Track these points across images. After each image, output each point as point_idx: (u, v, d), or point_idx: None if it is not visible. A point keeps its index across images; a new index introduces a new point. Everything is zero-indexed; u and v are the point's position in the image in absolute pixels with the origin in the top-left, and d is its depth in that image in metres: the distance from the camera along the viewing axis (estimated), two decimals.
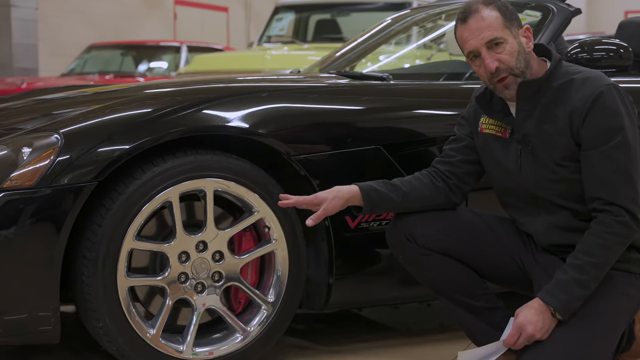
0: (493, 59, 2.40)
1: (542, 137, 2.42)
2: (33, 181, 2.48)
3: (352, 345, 3.16)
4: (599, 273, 2.35)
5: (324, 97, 2.98)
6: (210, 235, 2.69)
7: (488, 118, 2.56)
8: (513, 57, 2.40)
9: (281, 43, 9.42)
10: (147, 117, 2.63)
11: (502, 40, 2.40)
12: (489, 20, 2.41)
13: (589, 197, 2.37)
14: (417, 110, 3.09)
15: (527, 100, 2.44)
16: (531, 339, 2.34)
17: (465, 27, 2.44)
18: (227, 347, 2.72)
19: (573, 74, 2.42)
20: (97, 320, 2.56)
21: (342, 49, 4.42)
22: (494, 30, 2.40)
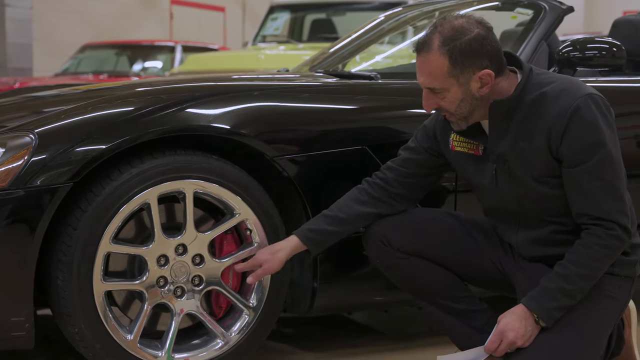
0: (431, 101, 2.34)
1: (517, 154, 2.32)
2: (6, 182, 2.41)
3: (340, 350, 3.10)
4: (587, 284, 2.28)
5: (309, 96, 2.91)
6: (190, 238, 2.62)
7: (458, 135, 2.46)
8: (453, 105, 2.31)
9: (276, 43, 9.36)
10: (127, 116, 2.56)
11: (440, 90, 2.30)
12: (432, 66, 2.28)
13: (576, 213, 2.29)
14: (404, 110, 3.01)
15: (499, 121, 2.34)
16: (512, 346, 2.27)
17: (417, 57, 2.33)
18: (207, 353, 2.65)
19: (545, 85, 2.30)
20: (72, 326, 2.49)
21: (331, 48, 4.35)
22: (433, 80, 2.29)
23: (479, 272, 2.52)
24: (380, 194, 2.54)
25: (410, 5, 4.51)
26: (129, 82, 3.62)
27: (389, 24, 4.34)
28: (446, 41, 2.26)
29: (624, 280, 2.34)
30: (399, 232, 2.47)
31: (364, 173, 2.76)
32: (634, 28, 3.68)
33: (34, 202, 2.41)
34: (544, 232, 2.37)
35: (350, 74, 3.44)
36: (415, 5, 4.46)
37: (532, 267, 2.41)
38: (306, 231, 2.50)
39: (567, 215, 2.32)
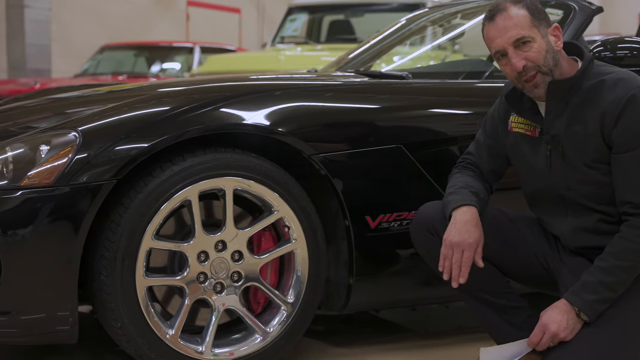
0: (520, 57, 2.37)
1: (571, 138, 2.38)
2: (51, 179, 2.45)
3: (371, 346, 3.13)
4: (627, 277, 2.31)
5: (345, 95, 2.95)
6: (229, 234, 2.66)
7: (517, 116, 2.52)
8: (541, 56, 2.36)
9: (294, 44, 9.40)
10: (165, 115, 2.60)
11: (529, 39, 2.36)
12: (516, 19, 2.37)
13: (620, 200, 2.33)
14: (437, 109, 3.05)
15: (557, 100, 2.40)
16: (555, 339, 2.30)
17: (492, 25, 2.40)
18: (247, 347, 2.69)
19: (605, 74, 2.37)
20: (115, 320, 2.53)
21: (357, 49, 4.39)
22: (520, 29, 2.36)
23: (522, 267, 2.56)
24: (479, 173, 2.62)
25: (434, 7, 4.54)
26: (149, 83, 3.65)
27: (412, 26, 4.38)
28: (517, 0, 2.40)
29: None
30: (445, 222, 2.50)
31: (399, 171, 2.81)
32: None
33: (79, 199, 2.45)
34: (591, 220, 2.42)
35: (381, 73, 3.47)
36: (437, 7, 4.50)
37: (575, 263, 2.45)
38: (475, 202, 2.49)
39: (613, 205, 2.36)
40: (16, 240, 2.43)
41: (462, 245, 2.40)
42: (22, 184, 2.47)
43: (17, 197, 2.44)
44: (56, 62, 12.37)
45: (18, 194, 2.44)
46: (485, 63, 3.72)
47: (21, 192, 2.44)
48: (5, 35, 11.90)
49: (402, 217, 2.83)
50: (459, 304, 3.70)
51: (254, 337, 2.71)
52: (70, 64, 12.74)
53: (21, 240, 2.43)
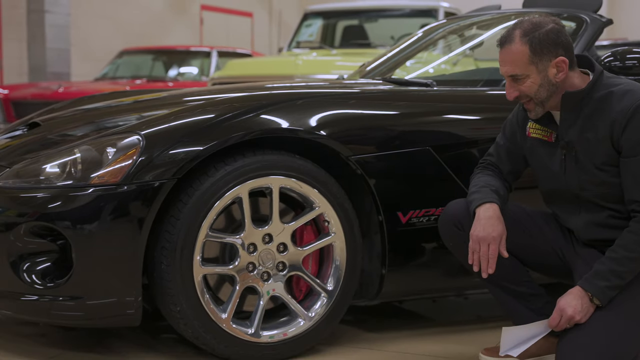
0: (513, 89, 2.66)
1: (584, 144, 2.66)
2: (118, 178, 2.74)
3: (399, 332, 3.38)
4: (635, 266, 2.59)
5: (377, 102, 3.23)
6: (275, 228, 2.94)
7: (534, 123, 2.80)
8: (533, 90, 2.64)
9: (309, 49, 9.65)
10: (214, 122, 2.88)
11: (522, 77, 2.64)
12: (515, 56, 2.63)
13: (628, 199, 2.61)
14: (460, 115, 3.32)
15: (570, 111, 2.68)
16: (571, 321, 2.58)
17: (500, 51, 2.69)
18: (294, 329, 2.97)
19: (613, 86, 2.64)
20: (174, 305, 2.81)
21: (379, 58, 4.66)
22: (515, 67, 2.63)
23: (541, 258, 2.84)
24: (498, 172, 2.89)
25: (450, 19, 4.81)
26: (173, 93, 3.92)
27: (432, 36, 4.65)
28: (526, 33, 2.62)
29: None
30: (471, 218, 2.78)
31: (428, 171, 3.10)
32: None
33: (143, 196, 2.73)
34: (602, 216, 2.69)
35: (407, 81, 3.75)
36: (454, 19, 4.77)
37: (588, 254, 2.73)
38: (496, 199, 2.75)
39: (621, 203, 2.64)
40: (87, 233, 2.72)
41: (488, 239, 2.68)
42: (92, 182, 2.75)
43: (89, 194, 2.73)
44: (75, 66, 12.65)
45: (89, 192, 2.73)
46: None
47: (92, 190, 2.73)
48: (27, 40, 12.17)
49: (430, 213, 3.11)
50: (477, 296, 3.99)
51: (298, 321, 2.99)
52: (88, 68, 13.04)
53: (92, 233, 2.72)
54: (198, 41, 15.88)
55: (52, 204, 2.76)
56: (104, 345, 3.14)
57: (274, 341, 2.95)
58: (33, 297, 2.81)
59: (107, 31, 13.86)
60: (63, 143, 3.08)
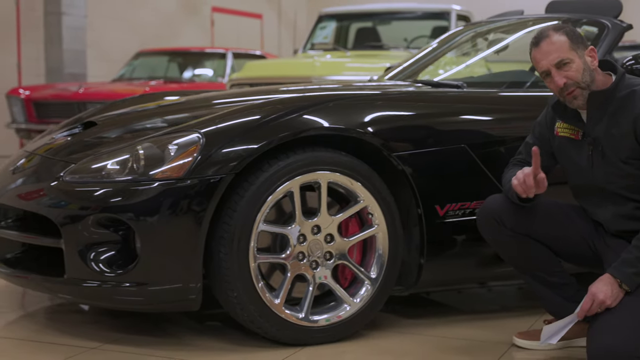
0: (561, 76, 2.87)
1: (609, 140, 2.88)
2: (180, 173, 2.96)
3: (434, 319, 3.60)
4: None
5: (416, 102, 3.46)
6: (323, 220, 3.16)
7: (562, 122, 3.02)
8: (579, 74, 2.87)
9: (323, 50, 9.87)
10: (265, 121, 3.09)
11: (568, 61, 2.87)
12: (557, 45, 2.88)
13: None
14: (492, 115, 3.54)
15: (596, 109, 2.91)
16: (602, 306, 2.80)
17: (537, 50, 2.91)
18: (341, 314, 3.19)
19: (635, 86, 2.88)
20: (231, 291, 3.03)
21: (405, 62, 4.87)
22: (561, 53, 2.87)
23: (573, 249, 3.06)
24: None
25: (470, 25, 5.03)
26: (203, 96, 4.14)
27: (458, 39, 4.87)
28: (558, 28, 2.91)
29: None
30: (512, 214, 3.00)
31: (464, 167, 3.32)
32: None
33: (204, 190, 2.95)
34: (628, 208, 2.92)
35: (438, 83, 3.97)
36: (472, 24, 4.98)
37: (617, 245, 2.95)
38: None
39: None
40: (152, 224, 2.94)
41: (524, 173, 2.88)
42: (155, 177, 2.97)
43: (154, 188, 2.96)
44: (90, 67, 12.86)
45: (155, 186, 2.96)
46: (527, 74, 4.22)
47: (157, 184, 2.96)
48: (44, 42, 12.38)
49: (466, 207, 3.33)
50: (500, 288, 4.20)
51: (344, 306, 3.21)
52: (103, 69, 13.26)
53: (156, 224, 2.94)
54: (209, 42, 16.10)
55: (119, 197, 2.99)
56: (160, 328, 3.36)
57: (322, 325, 3.17)
58: (96, 283, 3.03)
59: (122, 33, 14.08)
60: (122, 141, 3.31)
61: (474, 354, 3.11)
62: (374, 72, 8.29)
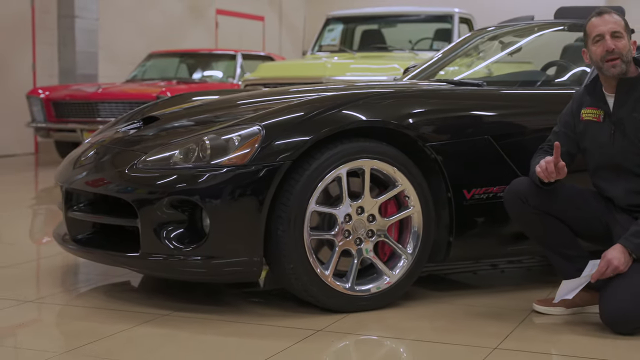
0: (613, 42, 3.37)
1: (631, 121, 3.37)
2: (244, 161, 3.40)
3: (461, 291, 4.04)
4: None
5: (445, 99, 3.91)
6: (367, 202, 3.60)
7: (586, 109, 3.50)
8: (625, 49, 3.38)
9: (330, 52, 10.30)
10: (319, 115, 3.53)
11: (621, 35, 3.38)
12: (618, 20, 3.43)
13: None
14: (511, 110, 3.99)
15: (624, 94, 3.39)
16: (616, 270, 3.26)
17: (599, 18, 3.43)
18: (382, 284, 3.63)
19: None
20: (288, 264, 3.46)
21: (424, 64, 5.32)
22: (619, 27, 3.40)
23: (588, 227, 3.52)
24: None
25: (484, 28, 5.46)
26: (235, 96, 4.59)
27: (472, 43, 5.32)
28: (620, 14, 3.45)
29: None
30: (535, 194, 3.45)
31: (488, 156, 3.77)
32: None
33: (266, 175, 3.39)
34: (638, 184, 3.39)
35: (460, 81, 4.42)
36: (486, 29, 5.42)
37: (625, 220, 3.42)
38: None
39: None
40: (220, 205, 3.38)
41: (546, 160, 3.34)
42: (221, 164, 3.41)
43: (222, 174, 3.40)
44: (102, 68, 13.27)
45: (223, 171, 3.39)
46: (538, 74, 4.68)
47: (225, 170, 3.39)
48: (57, 43, 12.78)
49: (490, 191, 3.78)
50: (512, 270, 4.64)
51: (384, 278, 3.65)
52: (114, 70, 13.67)
53: (224, 205, 3.38)
54: (213, 44, 16.52)
55: (191, 181, 3.42)
56: (219, 300, 3.80)
57: (366, 294, 3.61)
58: (169, 257, 3.46)
59: (132, 35, 14.50)
60: (187, 133, 3.74)
61: (500, 317, 3.55)
62: (381, 73, 8.80)
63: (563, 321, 3.51)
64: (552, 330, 3.40)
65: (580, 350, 3.13)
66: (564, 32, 4.91)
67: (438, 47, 10.06)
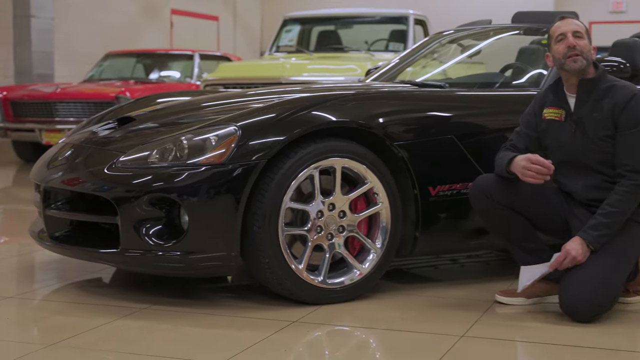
0: (575, 40, 3.59)
1: (591, 120, 3.58)
2: (222, 160, 3.54)
3: (421, 284, 4.22)
4: (619, 219, 3.49)
5: (409, 100, 4.08)
6: (338, 199, 3.76)
7: (548, 109, 3.71)
8: (586, 48, 3.60)
9: (287, 53, 10.46)
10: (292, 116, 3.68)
11: (582, 36, 3.61)
12: (579, 24, 3.67)
13: (618, 163, 3.53)
14: (473, 110, 4.18)
15: (584, 94, 3.60)
16: (574, 261, 3.47)
17: (563, 21, 3.67)
18: (353, 277, 3.80)
19: (614, 81, 3.62)
20: (264, 258, 3.61)
21: (385, 67, 5.50)
22: (580, 29, 3.64)
23: (548, 222, 3.73)
24: (517, 151, 3.73)
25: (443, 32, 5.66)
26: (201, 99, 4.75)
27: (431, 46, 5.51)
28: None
29: None
30: (499, 191, 3.64)
31: (452, 154, 3.95)
32: (629, 48, 4.88)
33: (242, 173, 3.53)
34: (597, 180, 3.60)
35: (423, 83, 4.61)
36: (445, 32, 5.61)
37: (583, 214, 3.63)
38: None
39: (612, 168, 3.55)
40: (199, 202, 3.52)
41: (532, 159, 3.54)
42: (200, 163, 3.55)
43: (200, 172, 3.53)
44: (58, 68, 13.28)
45: (201, 170, 3.53)
46: (495, 76, 4.88)
47: (204, 169, 3.53)
48: (13, 43, 12.77)
49: (454, 188, 3.96)
50: (472, 265, 4.83)
51: (354, 272, 3.82)
52: (70, 70, 13.70)
53: (202, 202, 3.52)
54: (168, 44, 16.58)
55: (169, 180, 3.55)
56: (195, 294, 3.94)
57: (338, 287, 3.77)
58: (148, 252, 3.59)
59: (87, 35, 14.52)
60: (164, 133, 3.87)
61: (465, 308, 3.73)
62: (339, 73, 8.98)
63: (524, 310, 3.70)
64: (515, 319, 3.59)
65: (542, 337, 3.33)
66: (519, 36, 5.12)
67: (394, 48, 10.29)
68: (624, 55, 4.76)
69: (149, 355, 3.07)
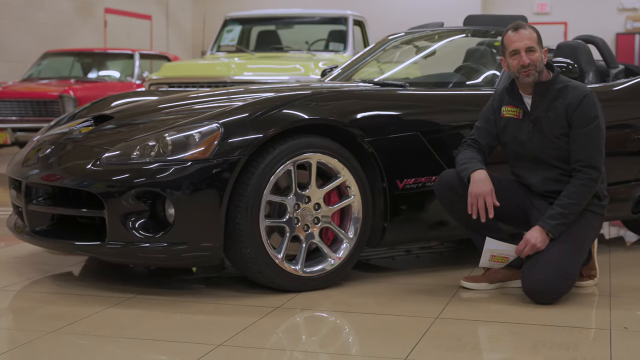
0: (528, 57, 3.83)
1: (547, 120, 3.85)
2: (206, 155, 3.73)
3: (388, 273, 4.47)
4: (575, 209, 3.78)
5: (377, 98, 4.33)
6: (313, 192, 3.98)
7: (507, 107, 3.97)
8: (538, 61, 3.84)
9: (227, 52, 10.61)
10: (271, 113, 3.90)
11: (534, 49, 3.84)
12: (531, 36, 3.87)
13: (573, 159, 3.81)
14: (435, 108, 4.45)
15: (539, 96, 3.87)
16: (534, 249, 3.76)
17: (516, 33, 3.88)
18: (327, 266, 4.02)
19: (567, 82, 3.88)
20: (245, 248, 3.81)
21: (340, 67, 5.74)
22: (532, 42, 3.86)
23: (509, 214, 3.99)
24: (478, 147, 4.00)
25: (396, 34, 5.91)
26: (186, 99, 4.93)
27: (385, 46, 5.76)
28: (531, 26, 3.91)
29: (598, 216, 3.90)
30: (464, 185, 3.88)
31: (418, 150, 4.21)
32: (573, 50, 5.21)
33: (226, 168, 3.73)
34: (554, 173, 3.89)
35: (384, 82, 4.86)
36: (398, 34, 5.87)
37: (542, 206, 3.92)
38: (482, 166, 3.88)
39: (568, 163, 3.84)
40: (184, 196, 3.71)
41: (484, 194, 3.80)
42: (185, 158, 3.74)
43: (187, 167, 3.72)
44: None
45: (187, 165, 3.72)
46: (450, 75, 5.16)
47: (189, 164, 3.72)
48: None
49: (419, 181, 4.22)
50: (426, 255, 5.10)
51: (329, 260, 4.04)
52: (4, 69, 13.65)
53: (188, 195, 3.71)
54: (102, 42, 16.57)
55: (155, 174, 3.73)
56: (178, 283, 4.12)
57: (314, 275, 3.99)
58: (135, 244, 3.76)
59: (21, 33, 14.44)
60: (146, 130, 4.04)
61: (434, 293, 3.99)
62: (284, 73, 9.18)
63: (489, 295, 3.98)
64: (481, 302, 3.87)
65: (509, 317, 3.61)
66: (469, 38, 5.41)
67: (334, 48, 10.53)
68: (568, 56, 5.11)
69: (148, 340, 3.26)
